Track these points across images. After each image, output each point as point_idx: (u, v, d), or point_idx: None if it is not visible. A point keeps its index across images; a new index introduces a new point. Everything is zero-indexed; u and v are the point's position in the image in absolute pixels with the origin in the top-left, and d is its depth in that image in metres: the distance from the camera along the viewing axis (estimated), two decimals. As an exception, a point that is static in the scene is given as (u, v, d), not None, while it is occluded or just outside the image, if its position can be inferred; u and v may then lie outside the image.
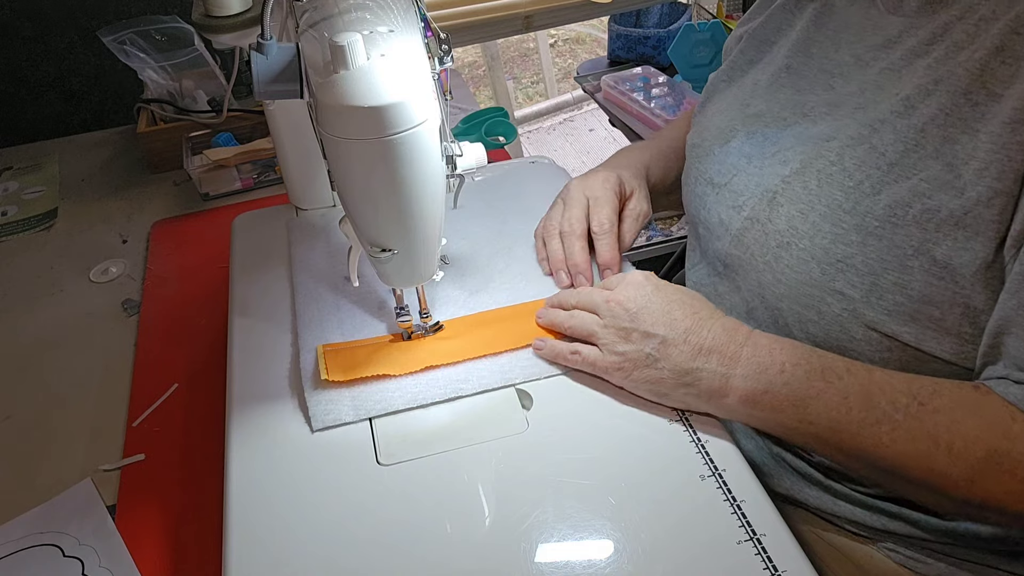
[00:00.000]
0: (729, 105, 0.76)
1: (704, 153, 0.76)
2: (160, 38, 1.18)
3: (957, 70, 0.57)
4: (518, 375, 0.67)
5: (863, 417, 0.56)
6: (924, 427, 0.55)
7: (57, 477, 0.71)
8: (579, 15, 1.71)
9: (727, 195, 0.71)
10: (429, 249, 0.64)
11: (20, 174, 1.19)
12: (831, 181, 0.62)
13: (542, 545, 0.55)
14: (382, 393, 0.65)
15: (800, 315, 0.64)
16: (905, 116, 0.59)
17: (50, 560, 0.64)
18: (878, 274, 0.59)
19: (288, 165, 0.88)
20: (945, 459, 0.54)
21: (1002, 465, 0.53)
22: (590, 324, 0.66)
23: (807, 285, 0.62)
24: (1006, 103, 0.55)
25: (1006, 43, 0.56)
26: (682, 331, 0.62)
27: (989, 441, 0.53)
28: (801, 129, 0.68)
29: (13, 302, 0.93)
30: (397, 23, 0.57)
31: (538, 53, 3.37)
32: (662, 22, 1.90)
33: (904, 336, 0.59)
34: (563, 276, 0.75)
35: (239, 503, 0.59)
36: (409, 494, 0.59)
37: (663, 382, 0.61)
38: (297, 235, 0.86)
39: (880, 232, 0.59)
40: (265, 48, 0.57)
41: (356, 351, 0.69)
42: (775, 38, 0.76)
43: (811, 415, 0.57)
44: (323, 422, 0.63)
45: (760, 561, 0.53)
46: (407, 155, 0.55)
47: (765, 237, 0.66)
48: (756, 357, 0.60)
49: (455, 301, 0.76)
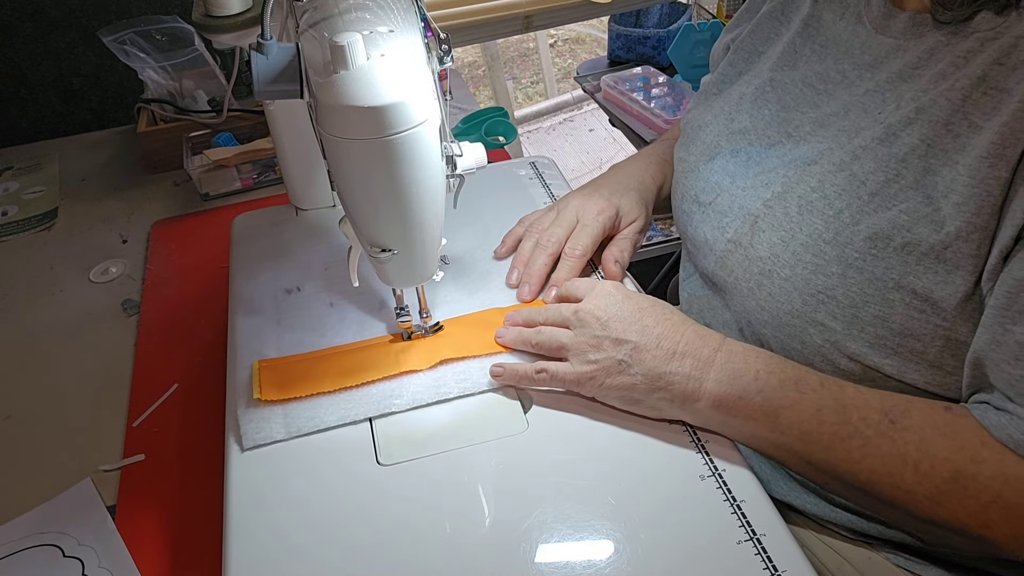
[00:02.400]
0: (715, 118, 0.76)
1: (690, 169, 0.76)
2: (160, 38, 1.18)
3: (940, 100, 0.57)
4: (453, 389, 0.66)
5: (835, 431, 0.56)
6: (894, 445, 0.55)
7: (57, 477, 0.71)
8: (579, 15, 1.71)
9: (712, 214, 0.71)
10: (429, 249, 0.64)
11: (20, 174, 1.19)
12: (812, 209, 0.62)
13: (542, 545, 0.55)
14: (315, 409, 0.65)
15: (783, 343, 0.64)
16: (887, 144, 0.59)
17: (50, 560, 0.64)
18: (859, 306, 0.59)
19: (288, 165, 0.88)
20: (912, 477, 0.54)
21: (967, 488, 0.53)
22: (560, 337, 0.65)
23: (789, 315, 0.62)
24: (985, 135, 0.54)
25: (989, 73, 0.55)
26: (654, 336, 0.61)
27: (956, 463, 0.53)
28: (785, 149, 0.68)
29: (13, 302, 0.93)
30: (397, 23, 0.57)
31: (538, 53, 3.37)
32: (662, 22, 1.90)
33: (886, 368, 0.59)
34: (526, 289, 0.74)
35: (239, 503, 0.59)
36: (409, 494, 0.59)
37: (635, 388, 0.61)
38: (242, 245, 0.85)
39: (861, 264, 0.58)
40: (265, 48, 0.57)
41: (293, 366, 0.69)
42: (762, 48, 0.76)
43: (783, 425, 0.57)
44: (254, 440, 0.63)
45: (760, 561, 0.53)
46: (407, 155, 0.55)
47: (748, 263, 0.66)
48: (730, 363, 0.59)
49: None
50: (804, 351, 0.63)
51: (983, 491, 0.53)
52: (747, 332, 0.69)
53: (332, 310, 0.75)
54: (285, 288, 0.78)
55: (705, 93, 0.81)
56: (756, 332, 0.67)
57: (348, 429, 0.64)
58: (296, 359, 0.70)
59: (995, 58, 0.55)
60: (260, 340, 0.72)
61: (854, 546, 0.67)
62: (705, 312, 0.76)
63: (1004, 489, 0.52)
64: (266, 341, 0.72)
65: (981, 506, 0.53)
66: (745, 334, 0.70)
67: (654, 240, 1.90)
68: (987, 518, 0.53)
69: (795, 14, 0.74)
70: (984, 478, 0.53)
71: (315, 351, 0.70)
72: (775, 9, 0.76)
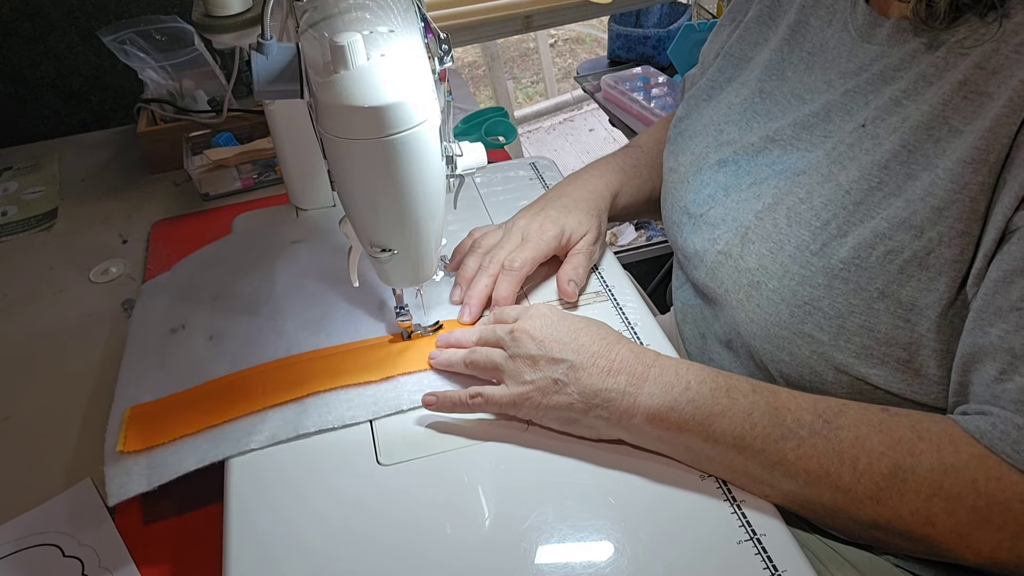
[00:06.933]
0: (704, 127, 0.76)
1: (680, 180, 0.76)
2: (160, 38, 1.18)
3: (922, 106, 0.57)
4: (310, 423, 0.64)
5: (768, 433, 0.55)
6: (828, 443, 0.54)
7: (57, 477, 0.71)
8: (579, 15, 1.71)
9: (703, 227, 0.71)
10: (429, 249, 0.64)
11: (20, 174, 1.19)
12: (800, 220, 0.62)
13: (542, 545, 0.55)
14: (177, 454, 0.63)
15: (773, 355, 0.64)
16: (871, 152, 0.59)
17: (50, 560, 0.64)
18: (845, 317, 0.59)
19: (288, 165, 0.88)
20: (850, 475, 0.53)
21: (907, 482, 0.52)
22: (494, 357, 0.64)
23: (777, 326, 0.62)
24: (966, 139, 0.54)
25: (970, 78, 0.55)
26: (590, 355, 0.60)
27: (894, 457, 0.53)
28: (772, 157, 0.68)
29: (13, 302, 0.93)
30: (397, 23, 0.57)
31: (538, 53, 3.37)
32: (662, 22, 1.90)
33: (873, 379, 0.59)
34: (466, 312, 0.73)
35: (239, 503, 0.59)
36: (409, 494, 0.59)
37: (572, 407, 0.60)
38: (147, 298, 0.83)
39: (846, 275, 0.58)
40: (265, 48, 0.57)
41: (167, 406, 0.67)
42: (751, 53, 0.76)
43: (716, 433, 0.56)
44: (118, 496, 0.61)
45: (760, 561, 0.53)
46: (407, 155, 0.55)
47: (737, 274, 0.66)
48: (663, 377, 0.59)
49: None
50: (793, 363, 0.63)
51: (923, 484, 0.52)
52: (737, 344, 0.69)
53: (211, 343, 0.74)
54: (171, 328, 0.77)
55: (695, 99, 0.81)
56: (746, 344, 0.67)
57: (348, 429, 0.64)
58: (168, 401, 0.68)
59: (976, 63, 0.55)
60: (139, 384, 0.71)
61: (854, 546, 0.67)
62: (699, 322, 0.76)
63: (944, 480, 0.51)
64: (144, 386, 0.70)
65: (923, 500, 0.52)
66: (735, 345, 0.70)
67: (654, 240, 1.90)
68: (929, 514, 0.52)
69: (781, 19, 0.73)
70: (923, 470, 0.52)
71: (187, 389, 0.69)
72: (762, 13, 0.76)
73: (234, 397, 0.67)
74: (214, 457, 0.62)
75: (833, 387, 0.61)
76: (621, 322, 0.73)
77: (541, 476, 0.60)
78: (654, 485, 0.58)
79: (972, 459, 0.52)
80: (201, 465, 0.62)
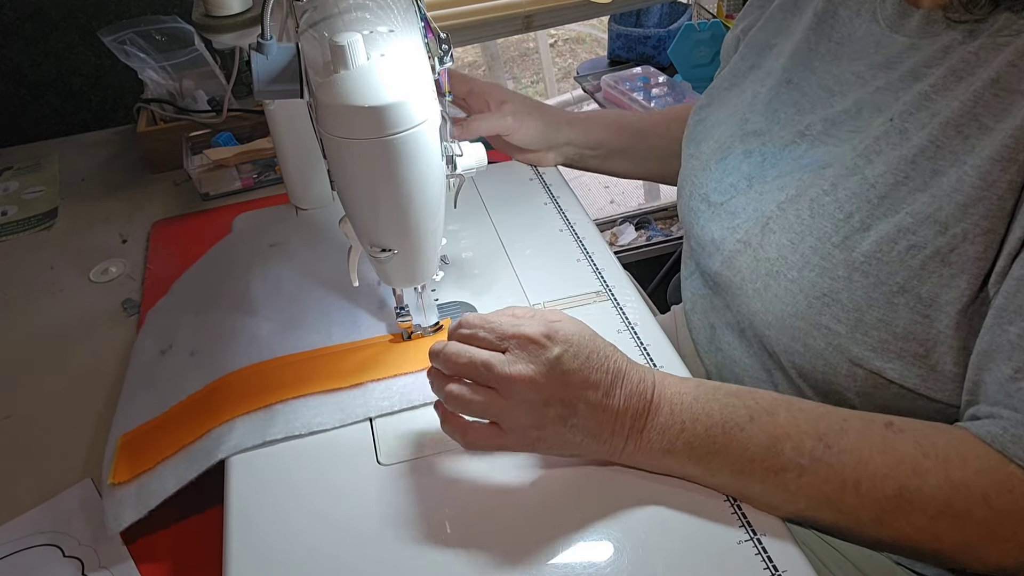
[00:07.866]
0: (729, 116, 0.76)
1: (701, 167, 0.75)
2: (160, 38, 1.18)
3: (953, 103, 0.57)
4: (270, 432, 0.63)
5: (767, 467, 0.54)
6: (831, 469, 0.53)
7: (57, 477, 0.71)
8: (579, 15, 1.71)
9: (723, 215, 0.71)
10: (429, 249, 0.64)
11: (20, 174, 1.19)
12: (823, 212, 0.61)
13: (542, 545, 0.55)
14: (160, 479, 0.63)
15: (787, 346, 0.64)
16: (898, 147, 0.59)
17: (50, 560, 0.64)
18: (863, 310, 0.58)
19: (288, 165, 0.88)
20: (853, 500, 0.53)
21: (913, 503, 0.51)
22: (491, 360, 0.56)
23: (793, 317, 0.62)
24: (995, 136, 0.54)
25: (1002, 75, 0.54)
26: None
27: (899, 478, 0.52)
28: (800, 151, 0.67)
29: (13, 302, 0.93)
30: (397, 23, 0.57)
31: (538, 53, 3.37)
32: (662, 22, 1.90)
33: (888, 373, 0.59)
34: None
35: (240, 503, 0.59)
36: (409, 494, 0.59)
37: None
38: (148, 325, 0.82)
39: (866, 268, 0.58)
40: (265, 48, 0.57)
41: (151, 430, 0.67)
42: (775, 41, 0.76)
43: (713, 468, 0.56)
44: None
45: (760, 561, 0.53)
46: (407, 155, 0.55)
47: (756, 263, 0.66)
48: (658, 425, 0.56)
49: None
50: (807, 354, 0.62)
51: (929, 503, 0.51)
52: (749, 334, 0.69)
53: (191, 359, 0.73)
54: (160, 350, 0.77)
55: (717, 88, 0.80)
56: (759, 334, 0.67)
57: (348, 429, 0.64)
58: (152, 424, 0.68)
59: (1010, 60, 0.54)
60: (130, 411, 0.71)
61: (855, 545, 0.67)
62: (709, 312, 0.76)
63: (952, 497, 0.51)
64: (133, 411, 0.70)
65: (929, 519, 0.51)
66: (747, 335, 0.69)
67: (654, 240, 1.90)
68: (936, 531, 0.52)
69: (807, 6, 0.73)
70: (929, 488, 0.51)
71: (167, 409, 0.69)
72: (787, 1, 0.76)
73: (206, 410, 0.66)
74: (191, 475, 0.62)
75: (847, 379, 0.61)
76: (621, 322, 0.73)
77: (541, 476, 0.60)
78: (654, 485, 0.58)
79: (981, 473, 0.51)
80: (181, 485, 0.61)
